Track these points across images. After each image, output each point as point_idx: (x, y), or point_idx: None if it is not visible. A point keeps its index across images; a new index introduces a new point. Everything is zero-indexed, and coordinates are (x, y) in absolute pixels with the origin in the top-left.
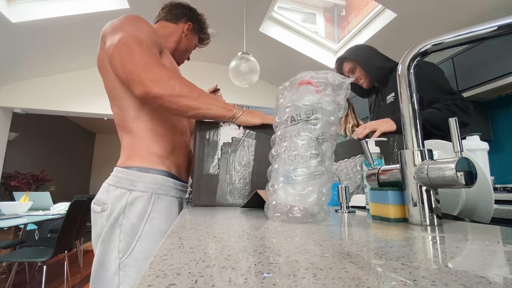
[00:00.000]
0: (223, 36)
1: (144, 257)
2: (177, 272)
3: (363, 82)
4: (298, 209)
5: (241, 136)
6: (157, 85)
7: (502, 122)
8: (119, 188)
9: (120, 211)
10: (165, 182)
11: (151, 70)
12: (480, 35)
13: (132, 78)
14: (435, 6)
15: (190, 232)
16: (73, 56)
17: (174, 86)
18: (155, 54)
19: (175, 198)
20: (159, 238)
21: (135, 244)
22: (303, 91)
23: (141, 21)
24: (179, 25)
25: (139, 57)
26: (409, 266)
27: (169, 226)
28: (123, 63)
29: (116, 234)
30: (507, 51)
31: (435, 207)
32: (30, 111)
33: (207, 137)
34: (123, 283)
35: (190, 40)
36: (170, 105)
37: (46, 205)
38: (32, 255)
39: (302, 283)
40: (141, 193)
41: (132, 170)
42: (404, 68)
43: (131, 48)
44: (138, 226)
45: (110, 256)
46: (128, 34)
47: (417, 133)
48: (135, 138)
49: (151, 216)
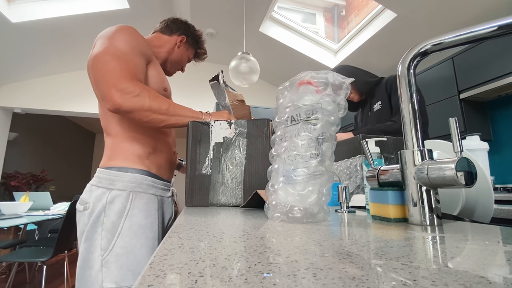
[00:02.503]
0: (223, 36)
1: (124, 252)
2: (177, 272)
3: (353, 96)
4: (298, 209)
5: (232, 136)
6: (126, 101)
7: (502, 122)
8: (100, 187)
9: (101, 209)
10: (143, 181)
11: (121, 85)
12: (480, 35)
13: (104, 95)
14: (435, 6)
15: (190, 232)
16: (73, 56)
17: (143, 102)
18: (132, 67)
19: (154, 196)
20: (140, 233)
21: (115, 240)
22: (303, 91)
23: (131, 33)
24: (173, 37)
25: (111, 72)
26: (409, 266)
27: (150, 222)
28: (98, 79)
29: (98, 232)
30: (507, 51)
31: (435, 207)
32: (30, 111)
33: (198, 138)
34: (106, 279)
35: (183, 52)
36: (141, 118)
37: (46, 205)
38: (32, 255)
39: (302, 283)
40: (119, 191)
41: (112, 170)
42: (404, 68)
43: (106, 62)
44: (118, 223)
45: (94, 254)
46: (110, 45)
47: (417, 133)
48: (116, 139)
49: (130, 213)
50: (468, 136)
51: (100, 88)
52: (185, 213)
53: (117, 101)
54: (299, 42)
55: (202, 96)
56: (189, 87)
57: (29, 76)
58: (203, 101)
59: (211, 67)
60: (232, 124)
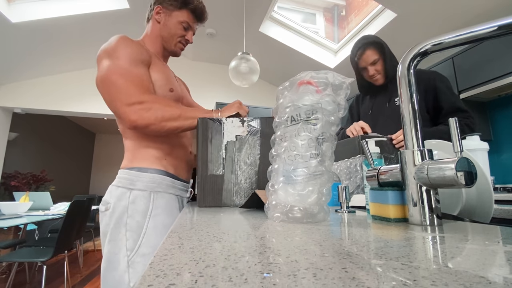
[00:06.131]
0: (223, 36)
1: (150, 252)
2: (177, 272)
3: (378, 78)
4: (298, 209)
5: (245, 134)
6: (140, 117)
7: (502, 122)
8: (119, 187)
9: (123, 209)
10: (162, 181)
11: (132, 102)
12: (480, 35)
13: (119, 115)
14: (435, 6)
15: (190, 232)
16: (73, 56)
17: (156, 114)
18: (138, 80)
19: (174, 196)
20: (164, 233)
21: (141, 240)
22: (303, 91)
23: (128, 44)
24: (152, 19)
25: (121, 92)
26: (409, 266)
27: (171, 221)
28: (109, 99)
29: (122, 233)
30: (507, 51)
31: (435, 207)
32: (30, 111)
33: (209, 136)
34: (132, 279)
35: (167, 21)
36: (158, 130)
37: (46, 205)
38: (32, 255)
39: (302, 283)
40: (140, 191)
41: (132, 170)
42: (404, 68)
43: (113, 82)
44: (142, 223)
45: (119, 255)
46: (113, 64)
47: (417, 133)
48: (134, 142)
49: (153, 212)
50: (468, 136)
51: (113, 108)
52: (185, 213)
53: (132, 118)
54: (299, 42)
55: (202, 97)
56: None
57: (29, 76)
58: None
59: (211, 67)
60: (245, 122)
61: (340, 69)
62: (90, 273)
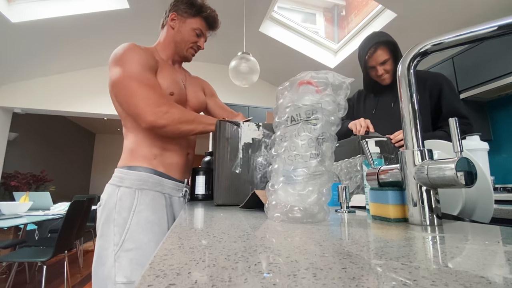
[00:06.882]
0: (223, 36)
1: (134, 247)
2: (177, 272)
3: (386, 78)
4: (298, 209)
5: (261, 137)
6: (159, 118)
7: (502, 122)
8: (111, 184)
9: (112, 206)
10: (149, 179)
11: (151, 104)
12: (480, 35)
13: (137, 114)
14: (435, 6)
15: (190, 232)
16: (73, 56)
17: (174, 117)
18: (151, 84)
19: (160, 193)
20: (147, 228)
21: (125, 235)
22: (303, 91)
23: (137, 51)
24: (167, 25)
25: (138, 95)
26: (409, 266)
27: (157, 218)
28: (126, 101)
29: (111, 229)
30: (507, 51)
31: (435, 207)
32: (30, 111)
33: (228, 136)
34: (118, 274)
35: (181, 27)
36: (173, 131)
37: (46, 205)
38: (32, 255)
39: (302, 283)
40: (127, 189)
41: (123, 169)
42: (404, 68)
43: (130, 87)
44: (127, 218)
45: (107, 251)
46: (127, 69)
47: (417, 133)
48: (131, 143)
49: (137, 208)
50: (468, 136)
51: (130, 109)
52: (185, 213)
53: (151, 119)
54: (299, 42)
55: None
56: None
57: (29, 76)
58: None
59: (211, 67)
60: (260, 127)
61: (340, 69)
62: (90, 273)
